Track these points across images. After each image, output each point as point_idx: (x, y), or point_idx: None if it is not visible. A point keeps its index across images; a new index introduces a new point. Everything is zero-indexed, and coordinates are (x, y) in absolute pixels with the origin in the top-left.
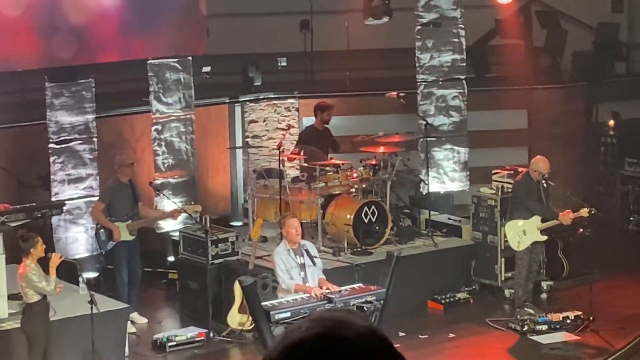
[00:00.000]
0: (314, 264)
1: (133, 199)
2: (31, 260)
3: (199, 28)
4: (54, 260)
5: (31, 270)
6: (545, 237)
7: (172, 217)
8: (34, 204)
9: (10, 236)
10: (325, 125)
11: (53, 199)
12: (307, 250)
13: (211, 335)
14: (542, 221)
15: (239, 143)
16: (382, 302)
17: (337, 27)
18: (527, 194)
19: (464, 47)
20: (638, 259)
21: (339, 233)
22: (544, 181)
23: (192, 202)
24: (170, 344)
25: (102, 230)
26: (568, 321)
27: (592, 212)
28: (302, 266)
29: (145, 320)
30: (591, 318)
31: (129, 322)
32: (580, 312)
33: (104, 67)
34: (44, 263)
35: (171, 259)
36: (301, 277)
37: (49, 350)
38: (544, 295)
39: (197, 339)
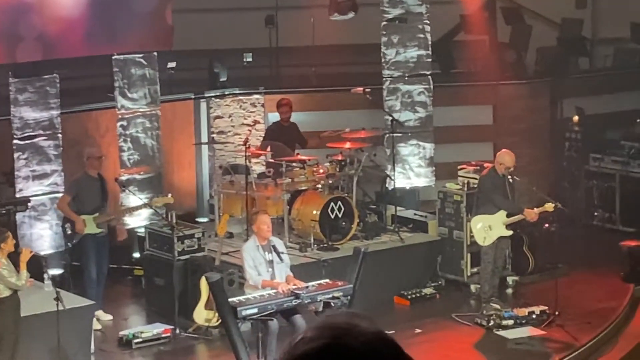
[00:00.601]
0: (282, 260)
1: (101, 193)
2: (1, 255)
3: (164, 23)
4: (25, 255)
5: (2, 265)
6: (510, 232)
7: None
8: None
9: None
10: (292, 121)
11: (17, 195)
12: (274, 247)
13: (177, 331)
14: (508, 216)
15: (204, 139)
16: (349, 298)
17: (303, 22)
18: (493, 188)
19: (430, 42)
20: (603, 254)
21: (305, 229)
22: (509, 176)
23: (169, 195)
24: (136, 340)
25: (68, 223)
26: (534, 316)
27: (557, 206)
28: (270, 263)
29: (110, 317)
30: (556, 313)
31: (94, 319)
32: (546, 307)
33: (68, 62)
34: (13, 258)
35: (137, 255)
36: (269, 274)
37: (17, 346)
38: (509, 291)
39: (163, 335)
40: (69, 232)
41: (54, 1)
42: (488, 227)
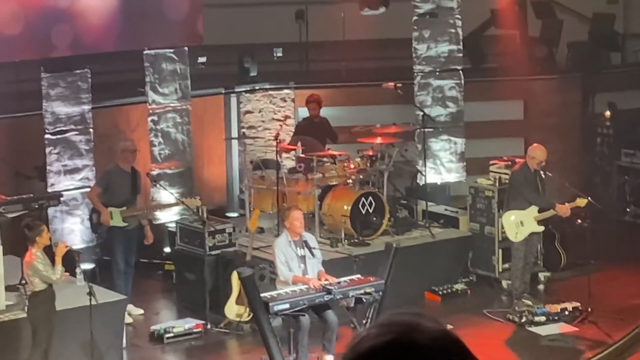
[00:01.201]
0: (314, 255)
1: (132, 187)
2: (37, 248)
3: (195, 31)
4: (61, 250)
5: (37, 258)
6: (542, 228)
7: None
8: (32, 195)
9: (7, 227)
10: (323, 116)
11: (49, 189)
12: (306, 242)
13: (208, 326)
14: (539, 211)
15: (234, 134)
16: (380, 293)
17: (333, 17)
18: (525, 183)
19: (461, 37)
20: (635, 249)
21: (336, 224)
22: (541, 171)
23: (197, 197)
24: (167, 335)
25: (95, 214)
26: (566, 312)
27: (589, 202)
28: (303, 258)
29: (141, 311)
30: (589, 309)
31: (129, 306)
32: (578, 304)
33: (100, 57)
34: (48, 252)
35: (167, 250)
36: (301, 269)
37: (51, 340)
38: (541, 287)
39: (194, 330)
40: (95, 221)
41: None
42: (520, 223)
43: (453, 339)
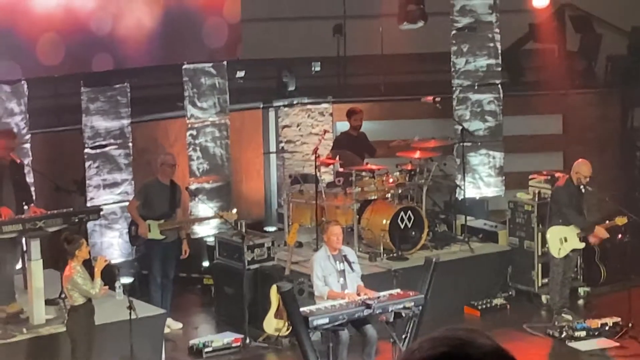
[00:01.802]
0: (353, 270)
1: (170, 200)
2: (77, 262)
3: (233, 33)
4: (100, 264)
5: (77, 272)
6: (583, 245)
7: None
8: (72, 209)
9: (47, 241)
10: (361, 131)
11: (88, 204)
12: (345, 257)
13: (247, 341)
14: (580, 232)
15: (272, 148)
16: (420, 308)
17: (371, 31)
18: (568, 202)
19: (499, 51)
20: None
21: (375, 238)
22: (582, 187)
23: (234, 210)
24: (206, 349)
25: (133, 226)
26: (606, 327)
27: (629, 220)
28: (342, 272)
29: (180, 325)
30: (630, 324)
31: (169, 320)
32: (619, 319)
33: (139, 71)
34: (87, 266)
35: (206, 264)
36: (340, 284)
37: (91, 353)
38: (581, 302)
39: (233, 344)
40: (133, 234)
41: (127, 15)
42: (564, 239)
43: (506, 355)
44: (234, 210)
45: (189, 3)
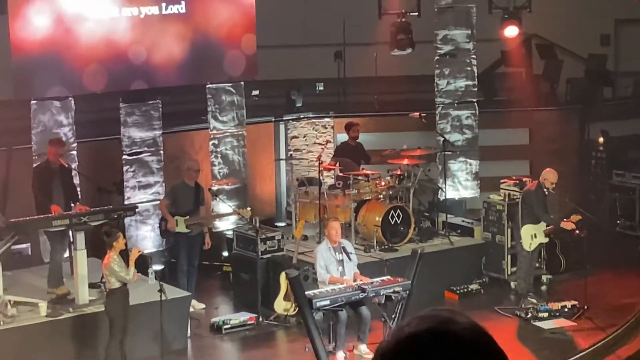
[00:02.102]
0: (350, 259)
1: (195, 200)
2: (114, 252)
3: (250, 62)
4: (134, 254)
5: (114, 261)
6: (547, 239)
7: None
8: (111, 207)
9: (90, 234)
10: (358, 141)
11: (126, 202)
12: (344, 248)
13: (260, 319)
14: (547, 226)
15: (282, 155)
16: (407, 292)
17: (367, 56)
18: (537, 202)
19: (476, 74)
20: (625, 256)
21: (369, 233)
22: (546, 190)
23: (248, 208)
24: (225, 326)
25: (163, 221)
26: (566, 309)
27: (583, 215)
28: (341, 262)
29: (203, 305)
30: (585, 307)
31: (193, 301)
32: (576, 302)
33: (169, 90)
34: (123, 255)
35: (225, 254)
36: (339, 271)
37: (126, 331)
38: (544, 287)
39: (248, 322)
40: (163, 228)
41: (159, 47)
42: (534, 235)
43: (483, 331)
44: (248, 208)
45: (212, 38)
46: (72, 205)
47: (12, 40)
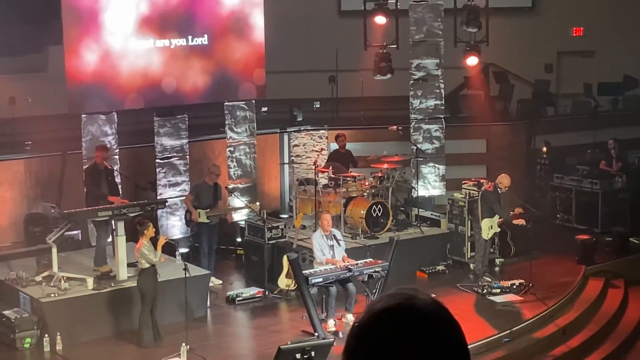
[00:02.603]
0: (339, 245)
1: (214, 196)
2: (145, 239)
3: (260, 91)
4: (161, 241)
5: (144, 246)
6: (500, 229)
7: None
8: (146, 201)
9: (129, 223)
10: (347, 149)
11: (158, 197)
12: (334, 235)
13: (266, 293)
14: (499, 219)
15: (285, 160)
16: (386, 272)
17: (355, 80)
18: (494, 200)
19: (443, 95)
20: (563, 244)
21: (355, 223)
22: (499, 190)
23: (258, 203)
24: (238, 299)
25: (188, 213)
26: (514, 287)
27: (527, 209)
28: (332, 247)
29: (220, 282)
30: (530, 284)
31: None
32: (523, 280)
33: (194, 107)
34: (154, 241)
35: (239, 240)
36: (330, 254)
37: (156, 302)
38: (497, 269)
39: (256, 295)
40: (188, 218)
41: (186, 79)
42: (490, 226)
43: (441, 305)
44: (258, 204)
45: (229, 73)
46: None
47: (68, 70)
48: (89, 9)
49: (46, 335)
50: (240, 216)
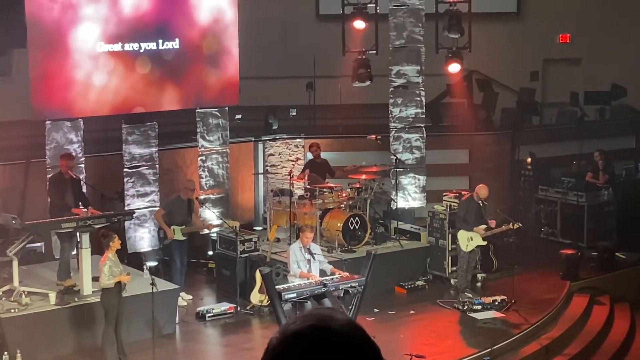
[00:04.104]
0: (315, 259)
1: (188, 212)
2: (110, 252)
3: (233, 87)
4: (124, 278)
5: (108, 260)
6: (485, 242)
7: (209, 228)
8: (113, 212)
9: (94, 235)
10: (324, 158)
11: (126, 208)
12: (309, 250)
13: (238, 309)
14: (486, 230)
15: (260, 170)
16: (363, 287)
17: (333, 87)
18: (466, 212)
19: (424, 103)
20: (547, 258)
21: (332, 236)
22: (481, 202)
23: (236, 222)
24: (209, 315)
25: (161, 230)
26: (496, 303)
27: (517, 226)
28: (309, 261)
29: (190, 297)
30: (513, 301)
31: (179, 298)
32: (505, 297)
33: (165, 114)
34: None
35: (210, 252)
36: (307, 268)
37: (120, 319)
38: (479, 284)
39: (228, 311)
40: (162, 236)
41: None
42: (470, 238)
43: (357, 326)
44: (237, 222)
45: (204, 101)
46: (85, 209)
47: (32, 76)
48: (55, 22)
49: (5, 352)
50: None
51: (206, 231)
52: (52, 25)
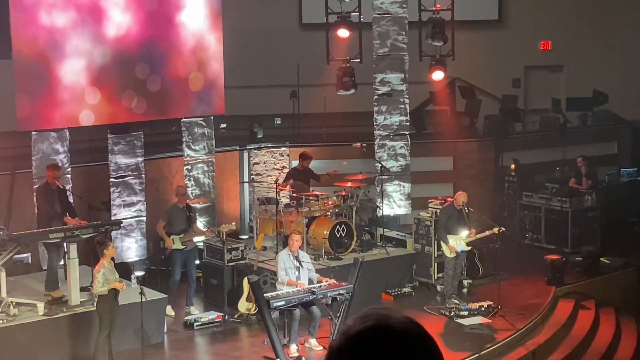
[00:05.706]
0: (302, 267)
1: (187, 219)
2: (105, 259)
3: (218, 96)
4: (118, 285)
5: (103, 267)
6: (469, 248)
7: (206, 234)
8: (100, 222)
9: (82, 245)
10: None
11: (113, 218)
12: (297, 257)
13: (226, 317)
14: (468, 236)
15: (245, 179)
16: (350, 294)
17: (317, 95)
18: (446, 219)
19: (408, 111)
20: (532, 264)
21: (318, 244)
22: (465, 208)
23: (233, 223)
24: (196, 323)
25: (162, 241)
26: (482, 309)
27: (499, 232)
28: (297, 268)
29: (173, 313)
30: (499, 307)
31: (168, 307)
32: (492, 302)
33: (150, 123)
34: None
35: (197, 262)
36: (295, 275)
37: (113, 325)
38: (465, 290)
39: (216, 320)
40: (162, 247)
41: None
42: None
43: (415, 322)
44: (233, 223)
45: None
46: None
47: (17, 85)
48: (40, 34)
49: None
50: (198, 237)
51: (203, 238)
52: (37, 38)
